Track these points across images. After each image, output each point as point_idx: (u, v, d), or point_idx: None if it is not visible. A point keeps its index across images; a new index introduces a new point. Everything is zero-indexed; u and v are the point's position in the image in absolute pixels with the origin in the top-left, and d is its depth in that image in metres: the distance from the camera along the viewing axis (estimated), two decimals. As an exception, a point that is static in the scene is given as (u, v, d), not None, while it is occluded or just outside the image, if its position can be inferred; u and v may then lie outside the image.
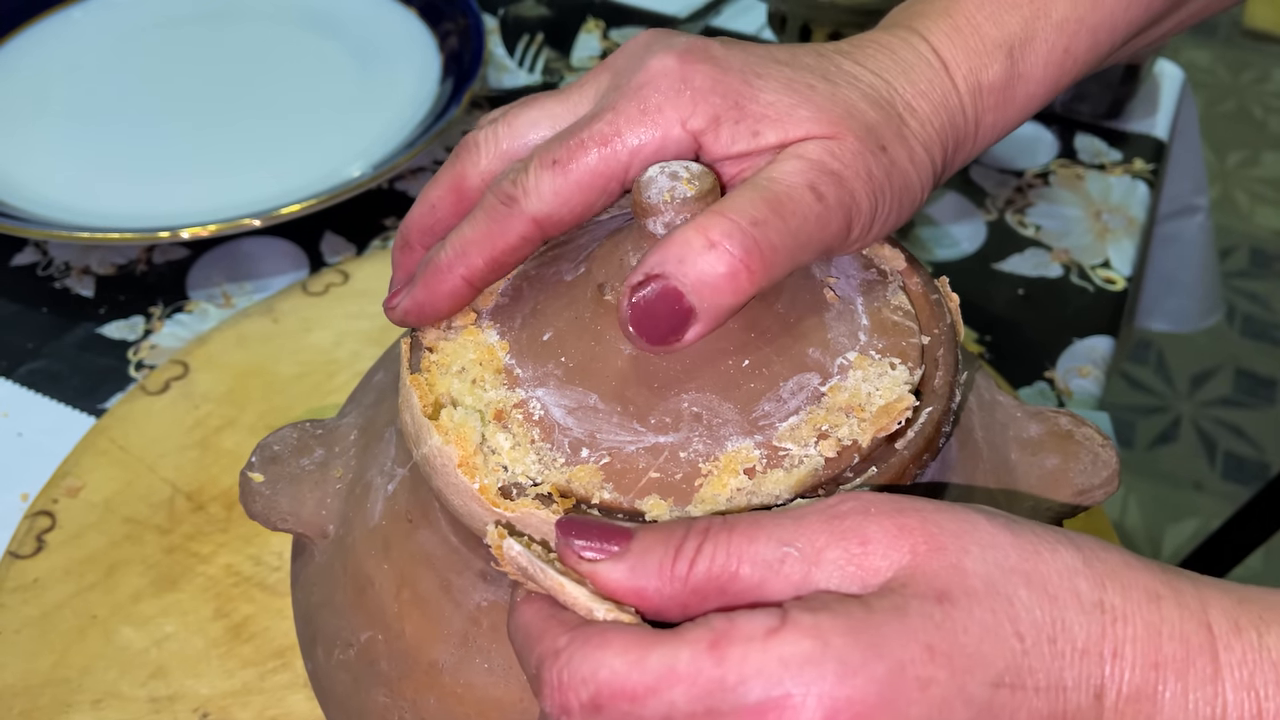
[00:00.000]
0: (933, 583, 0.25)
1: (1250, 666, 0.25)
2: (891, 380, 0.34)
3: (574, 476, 0.32)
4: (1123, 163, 0.85)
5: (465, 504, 0.32)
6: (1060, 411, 0.40)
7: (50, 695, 0.50)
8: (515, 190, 0.34)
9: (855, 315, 0.37)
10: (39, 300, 0.71)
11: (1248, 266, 1.99)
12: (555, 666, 0.26)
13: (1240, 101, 2.35)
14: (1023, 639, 0.25)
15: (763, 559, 0.26)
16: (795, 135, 0.34)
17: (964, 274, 0.75)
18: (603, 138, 0.34)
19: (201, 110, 0.82)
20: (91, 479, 0.59)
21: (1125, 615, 0.26)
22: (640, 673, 0.25)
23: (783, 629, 0.25)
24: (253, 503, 0.39)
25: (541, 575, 0.28)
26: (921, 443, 0.33)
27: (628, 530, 0.28)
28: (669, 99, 0.34)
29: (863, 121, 0.34)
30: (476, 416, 0.33)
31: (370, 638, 0.36)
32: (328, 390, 0.63)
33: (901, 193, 0.35)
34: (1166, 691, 0.25)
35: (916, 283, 0.38)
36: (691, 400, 0.34)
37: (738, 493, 0.32)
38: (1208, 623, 0.26)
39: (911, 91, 0.36)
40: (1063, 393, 0.67)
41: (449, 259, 0.35)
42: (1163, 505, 1.62)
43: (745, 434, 0.33)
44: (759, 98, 0.34)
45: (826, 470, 0.32)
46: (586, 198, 0.34)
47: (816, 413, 0.34)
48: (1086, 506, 0.38)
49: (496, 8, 0.94)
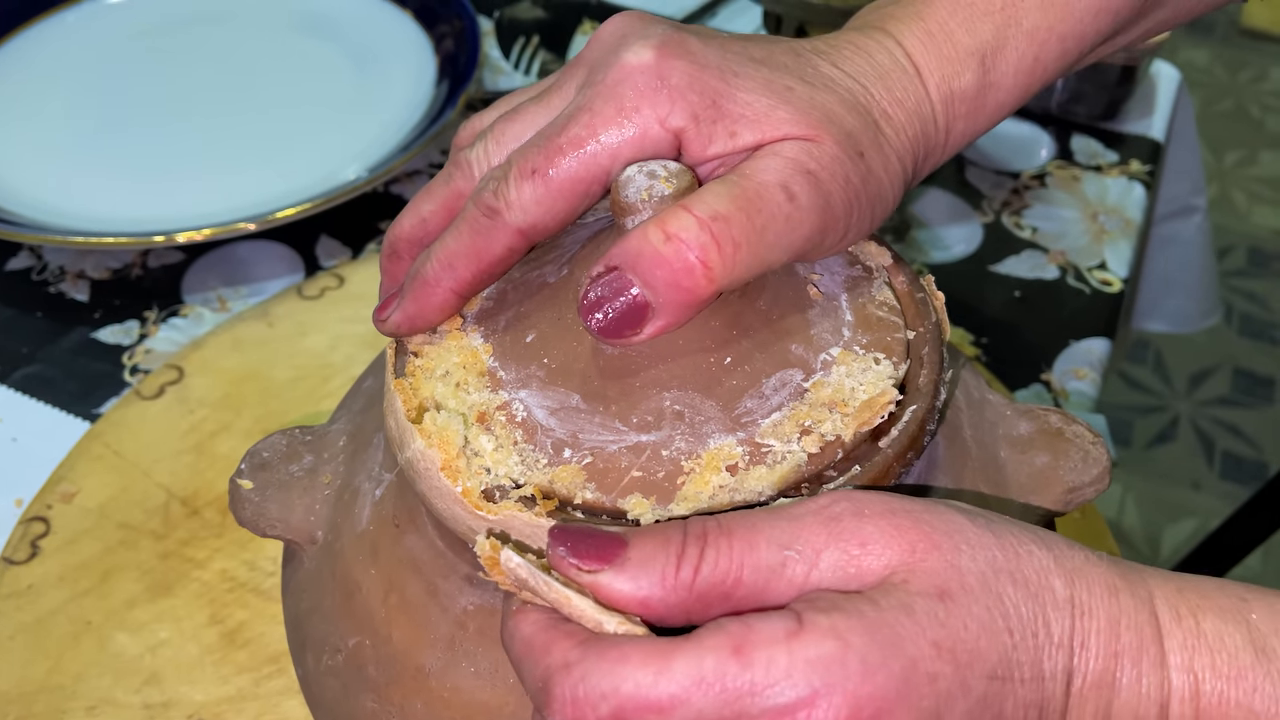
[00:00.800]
0: (933, 580, 0.27)
1: (1190, 651, 0.28)
2: (875, 375, 0.34)
3: (556, 477, 0.32)
4: (1119, 164, 0.84)
5: (449, 507, 0.32)
6: (1050, 409, 0.40)
7: (44, 702, 0.50)
8: (497, 202, 0.34)
9: (839, 311, 0.36)
10: (33, 305, 0.71)
11: (1246, 266, 1.99)
12: (568, 681, 0.26)
13: (1238, 100, 2.35)
14: (1012, 634, 0.27)
15: (764, 563, 0.27)
16: (773, 136, 0.33)
17: (960, 276, 0.75)
18: (580, 141, 0.33)
19: (196, 114, 0.82)
20: (86, 484, 0.59)
21: (1090, 609, 0.28)
22: (666, 683, 0.25)
23: (803, 631, 0.26)
24: (242, 510, 0.39)
25: (545, 588, 0.27)
26: (906, 441, 0.33)
27: (621, 538, 0.28)
28: (646, 98, 0.33)
29: (842, 127, 0.34)
30: (459, 420, 0.33)
31: (358, 643, 0.36)
32: (323, 395, 0.63)
33: (875, 201, 0.35)
34: (1123, 677, 0.27)
35: (902, 280, 0.38)
36: (673, 398, 0.33)
37: (720, 490, 0.32)
38: (1154, 612, 0.28)
39: (888, 99, 0.36)
40: (1059, 395, 0.67)
41: (436, 272, 0.35)
42: (1161, 505, 1.62)
43: (728, 431, 0.33)
44: (737, 97, 0.34)
45: (810, 466, 0.32)
46: (569, 204, 0.34)
47: (799, 408, 0.33)
48: (1077, 505, 0.38)
49: (492, 10, 0.94)
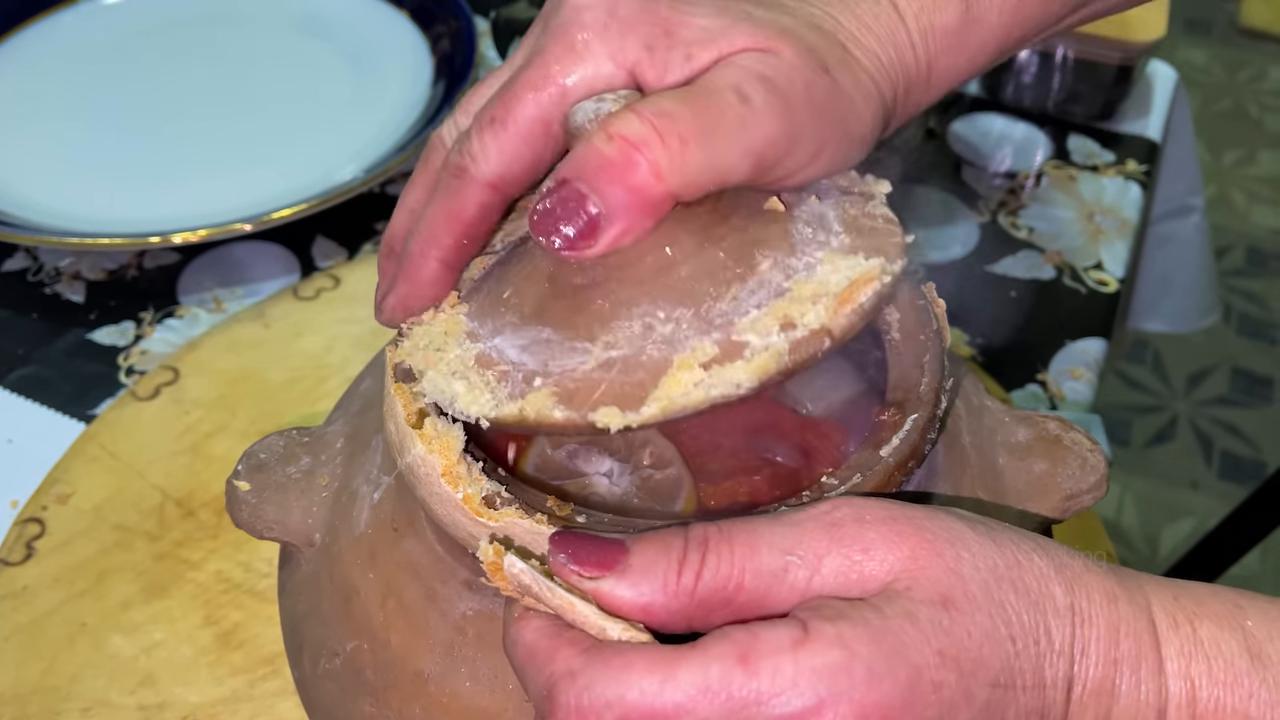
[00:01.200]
0: (936, 588, 0.27)
1: (1186, 658, 0.28)
2: (865, 268, 0.31)
3: (526, 405, 0.31)
4: (1115, 164, 0.84)
5: (449, 513, 0.32)
6: (1049, 416, 0.40)
7: (39, 703, 0.50)
8: (463, 160, 0.33)
9: (826, 221, 0.34)
10: (29, 306, 0.71)
11: (1244, 265, 1.99)
12: (573, 690, 0.26)
13: (1236, 100, 2.35)
14: (1014, 642, 0.27)
15: (766, 569, 0.27)
16: (729, 50, 0.32)
17: (956, 276, 0.75)
18: (533, 84, 0.33)
19: (191, 115, 0.82)
20: (81, 485, 0.58)
21: (1090, 617, 0.28)
22: (671, 691, 0.25)
23: (808, 640, 0.25)
24: (239, 511, 0.39)
25: (549, 594, 0.27)
26: (907, 450, 0.33)
27: (623, 545, 0.28)
28: (595, 33, 0.32)
29: (803, 41, 0.33)
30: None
31: (356, 647, 0.36)
32: (318, 396, 0.63)
33: (847, 121, 0.34)
34: (1123, 684, 0.27)
35: (903, 287, 0.38)
36: (644, 313, 0.32)
37: (695, 387, 0.30)
38: (1152, 619, 0.28)
39: (855, 24, 0.35)
40: (1055, 396, 0.67)
41: (420, 246, 0.35)
42: (1159, 505, 1.62)
43: (702, 334, 0.31)
44: (690, 22, 0.33)
45: (792, 357, 0.30)
46: (532, 149, 0.33)
47: (779, 304, 0.31)
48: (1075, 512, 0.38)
49: (488, 10, 0.94)
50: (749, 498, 0.37)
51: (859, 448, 0.33)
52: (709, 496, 0.38)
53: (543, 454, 0.40)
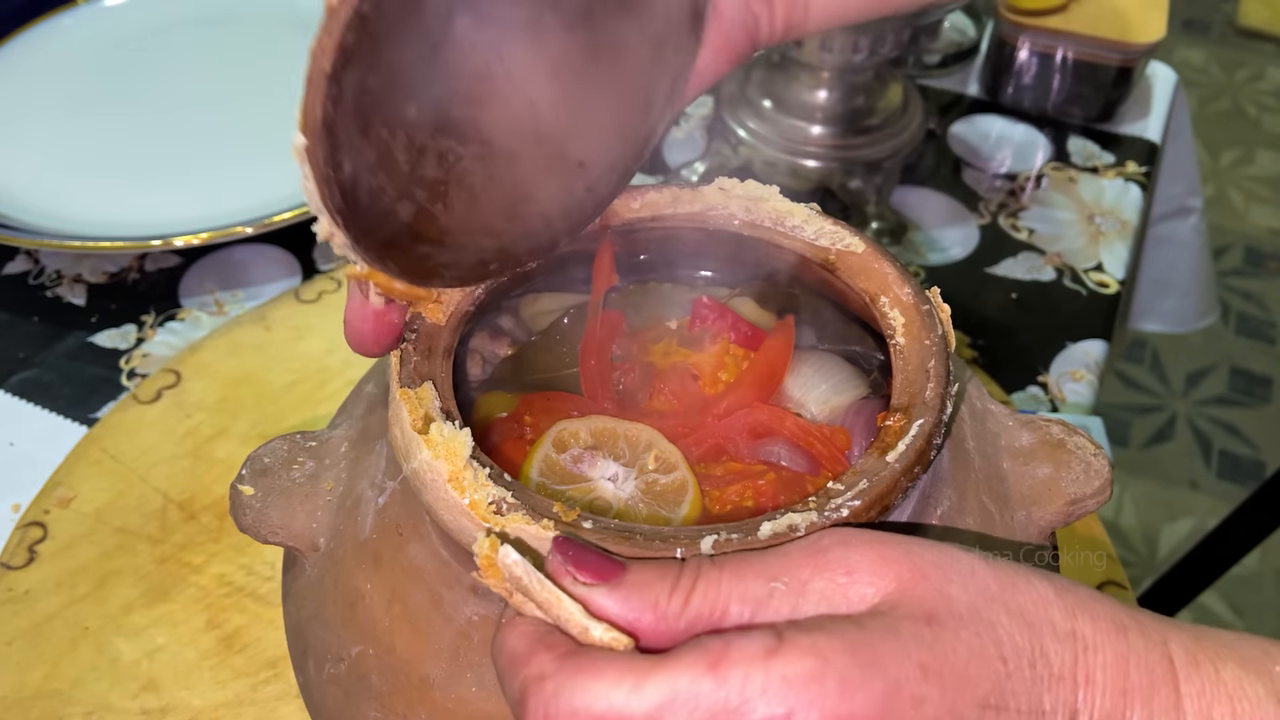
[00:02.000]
0: (921, 605, 0.26)
1: (1208, 698, 0.27)
2: None
3: None
4: (1115, 165, 0.84)
5: (455, 519, 0.32)
6: (1052, 420, 0.40)
7: (41, 708, 0.50)
8: None
9: None
10: (30, 309, 0.71)
11: (1242, 265, 1.99)
12: (541, 696, 0.26)
13: (1234, 100, 2.35)
14: (1006, 662, 0.26)
15: (752, 595, 0.27)
16: None
17: (956, 278, 0.75)
18: None
19: (193, 117, 0.82)
20: (83, 489, 0.58)
21: (1095, 644, 0.27)
22: (638, 701, 0.25)
23: (781, 649, 0.25)
24: (243, 515, 0.39)
25: (538, 587, 0.28)
26: (912, 456, 0.33)
27: (621, 563, 0.28)
28: None
29: None
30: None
31: (361, 652, 0.36)
32: (320, 399, 0.63)
33: None
34: (1134, 717, 0.26)
35: (908, 293, 0.38)
36: None
37: None
38: (1169, 655, 0.27)
39: None
40: (1056, 398, 0.67)
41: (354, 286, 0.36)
42: (1158, 505, 1.62)
43: None
44: None
45: None
46: None
47: None
48: (1079, 517, 0.38)
49: (489, 12, 0.94)
50: (754, 503, 0.37)
51: (865, 453, 0.33)
52: (714, 501, 0.37)
53: (548, 459, 0.40)
